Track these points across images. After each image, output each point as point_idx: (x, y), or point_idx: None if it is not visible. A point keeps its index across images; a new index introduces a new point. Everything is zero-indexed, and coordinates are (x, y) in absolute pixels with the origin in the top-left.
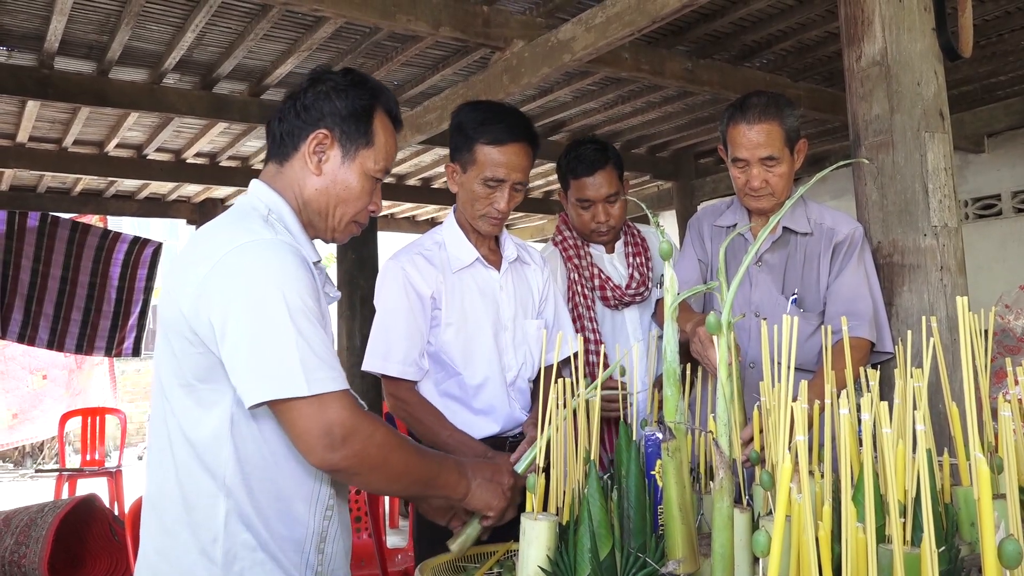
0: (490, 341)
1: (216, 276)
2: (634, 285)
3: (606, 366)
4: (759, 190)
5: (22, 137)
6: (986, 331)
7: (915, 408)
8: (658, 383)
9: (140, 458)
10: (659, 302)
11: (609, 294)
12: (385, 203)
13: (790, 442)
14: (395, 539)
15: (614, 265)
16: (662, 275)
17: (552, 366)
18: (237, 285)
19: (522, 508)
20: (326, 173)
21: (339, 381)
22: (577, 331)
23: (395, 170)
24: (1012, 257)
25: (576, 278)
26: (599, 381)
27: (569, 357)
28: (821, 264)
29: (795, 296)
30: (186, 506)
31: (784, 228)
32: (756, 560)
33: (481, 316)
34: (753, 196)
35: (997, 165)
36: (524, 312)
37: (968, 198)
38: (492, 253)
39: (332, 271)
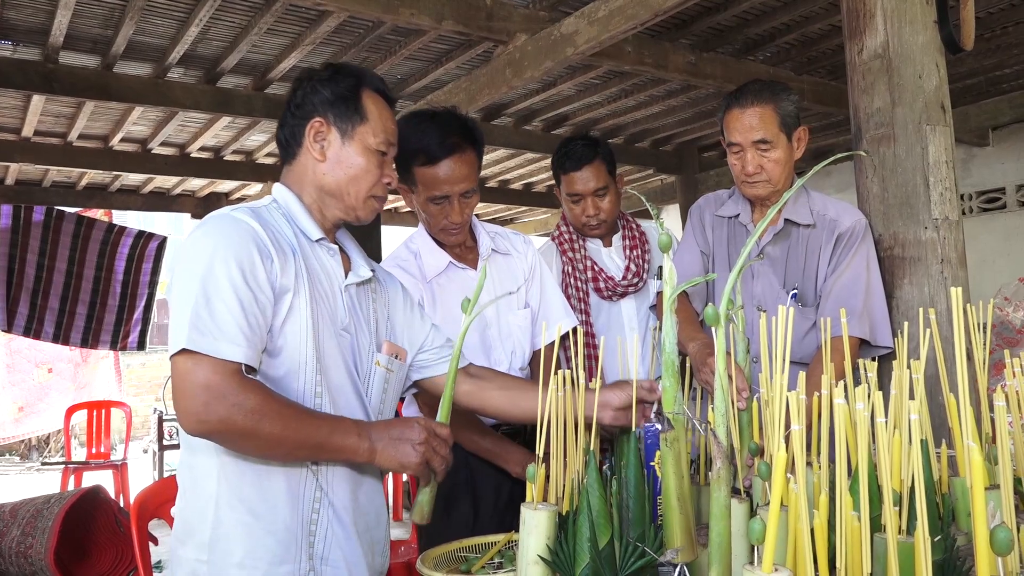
0: (476, 340)
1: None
2: (629, 276)
3: (596, 357)
4: (754, 176)
5: (27, 131)
6: (985, 324)
7: (911, 398)
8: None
9: (145, 451)
10: (660, 294)
11: (602, 285)
12: (389, 196)
13: (786, 432)
14: (398, 532)
15: (611, 258)
16: (659, 266)
17: (540, 349)
18: (179, 257)
19: (521, 496)
20: (330, 157)
21: (224, 350)
22: None
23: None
24: (1016, 250)
25: (570, 270)
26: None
27: (567, 334)
28: (822, 256)
29: (795, 291)
30: (186, 488)
31: (786, 220)
32: (754, 550)
33: (463, 317)
34: (748, 183)
35: (1001, 158)
36: (507, 305)
37: (972, 191)
38: (469, 251)
39: None
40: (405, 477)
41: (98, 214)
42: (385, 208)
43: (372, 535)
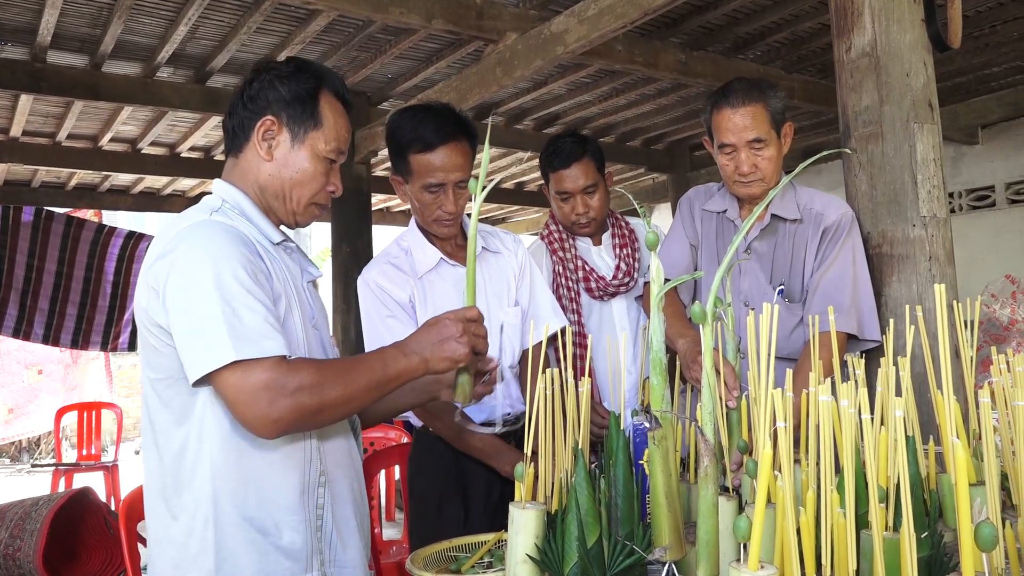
0: None
1: (159, 266)
2: (620, 276)
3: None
4: (748, 175)
5: (16, 131)
6: (972, 321)
7: (898, 394)
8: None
9: (137, 452)
10: (646, 286)
11: (593, 285)
12: (380, 196)
13: (772, 429)
14: (391, 532)
15: (601, 257)
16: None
17: (529, 349)
18: (173, 271)
19: (512, 496)
20: (277, 158)
21: (266, 348)
22: None
23: (388, 164)
24: (1005, 248)
25: (561, 270)
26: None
27: (556, 334)
28: (808, 250)
29: (782, 287)
30: (171, 515)
31: (772, 215)
32: (742, 547)
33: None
34: (743, 182)
35: (991, 156)
36: (499, 302)
37: (962, 189)
38: (460, 249)
39: (327, 267)
40: (397, 476)
41: (88, 214)
42: (377, 207)
43: (364, 526)
